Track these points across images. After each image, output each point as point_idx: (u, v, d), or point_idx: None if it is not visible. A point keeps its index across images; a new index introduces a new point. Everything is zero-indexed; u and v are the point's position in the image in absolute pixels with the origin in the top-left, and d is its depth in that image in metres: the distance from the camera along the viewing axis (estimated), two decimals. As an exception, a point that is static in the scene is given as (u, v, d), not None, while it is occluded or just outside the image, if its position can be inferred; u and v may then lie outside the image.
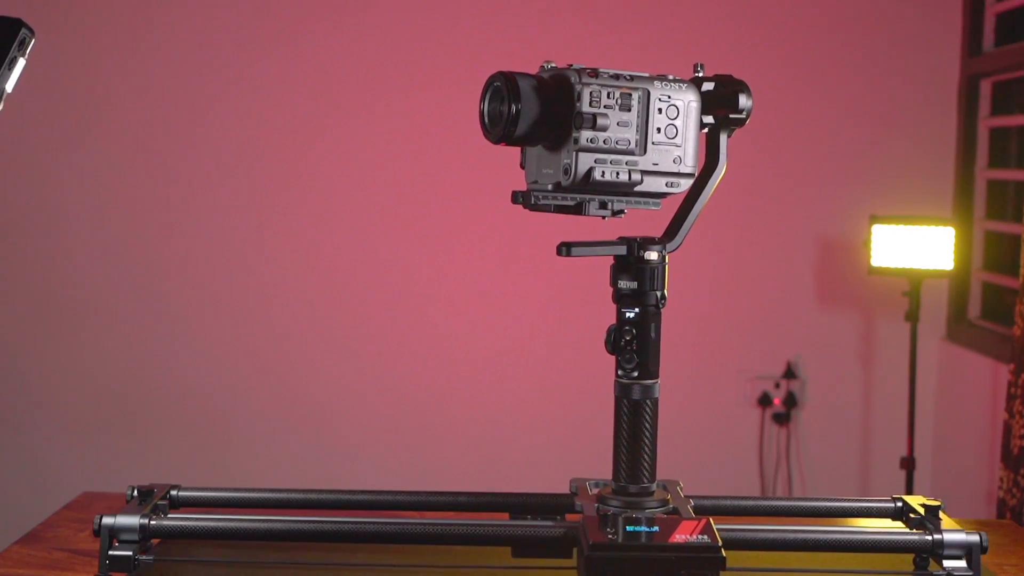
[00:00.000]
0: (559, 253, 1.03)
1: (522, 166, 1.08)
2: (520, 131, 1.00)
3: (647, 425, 1.06)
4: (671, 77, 1.04)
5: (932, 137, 3.14)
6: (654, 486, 1.08)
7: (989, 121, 3.05)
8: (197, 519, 1.10)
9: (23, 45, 0.89)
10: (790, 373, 3.16)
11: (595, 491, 1.12)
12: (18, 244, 3.17)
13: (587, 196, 1.03)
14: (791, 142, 3.10)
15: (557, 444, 3.16)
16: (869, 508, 1.23)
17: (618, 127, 1.01)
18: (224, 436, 3.18)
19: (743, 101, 1.07)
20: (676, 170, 1.05)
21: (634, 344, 1.06)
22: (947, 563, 1.09)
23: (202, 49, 3.14)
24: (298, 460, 3.18)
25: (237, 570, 1.14)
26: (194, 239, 3.18)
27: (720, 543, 0.98)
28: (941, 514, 1.14)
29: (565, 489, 1.22)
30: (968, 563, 1.09)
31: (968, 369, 2.96)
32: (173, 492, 1.18)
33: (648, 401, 1.06)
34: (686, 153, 1.05)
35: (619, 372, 1.07)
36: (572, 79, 0.99)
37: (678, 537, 0.98)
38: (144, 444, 3.16)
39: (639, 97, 1.02)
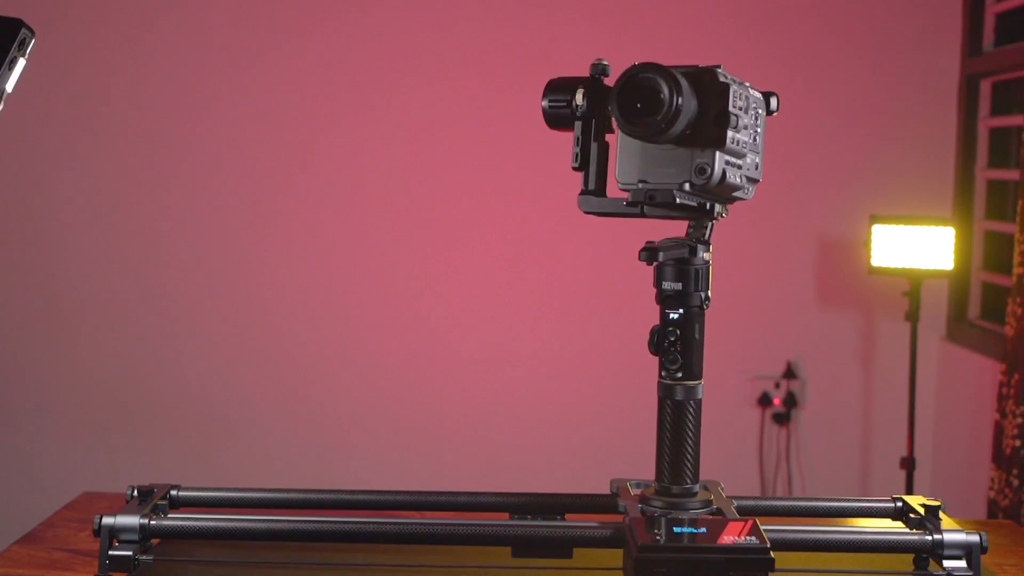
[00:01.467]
0: (643, 259, 1.02)
1: (576, 167, 1.05)
2: (677, 126, 0.96)
3: (690, 426, 1.06)
4: (748, 84, 1.04)
5: (932, 137, 3.14)
6: (697, 487, 1.08)
7: (989, 121, 3.05)
8: (197, 519, 1.10)
9: (23, 45, 0.89)
10: (790, 373, 3.16)
11: (637, 491, 1.11)
12: (18, 244, 3.18)
13: (709, 198, 1.02)
14: (791, 142, 3.10)
15: (559, 445, 3.16)
16: (869, 508, 1.23)
17: (744, 130, 1.00)
18: (224, 436, 3.18)
19: (774, 104, 1.07)
20: (754, 176, 1.06)
21: (678, 345, 1.06)
22: (947, 563, 1.09)
23: (202, 49, 3.14)
24: (298, 460, 3.18)
25: (237, 570, 1.14)
26: (194, 238, 3.18)
27: (768, 544, 0.98)
28: (941, 514, 1.14)
29: (564, 489, 1.22)
30: (968, 563, 1.09)
31: (968, 369, 2.96)
32: (173, 492, 1.18)
33: (691, 402, 1.06)
34: (761, 160, 1.05)
35: (662, 373, 1.07)
36: (721, 77, 0.98)
37: (726, 538, 0.98)
38: (144, 444, 3.16)
39: (752, 102, 1.02)
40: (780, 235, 3.16)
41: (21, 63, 0.89)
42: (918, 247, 2.82)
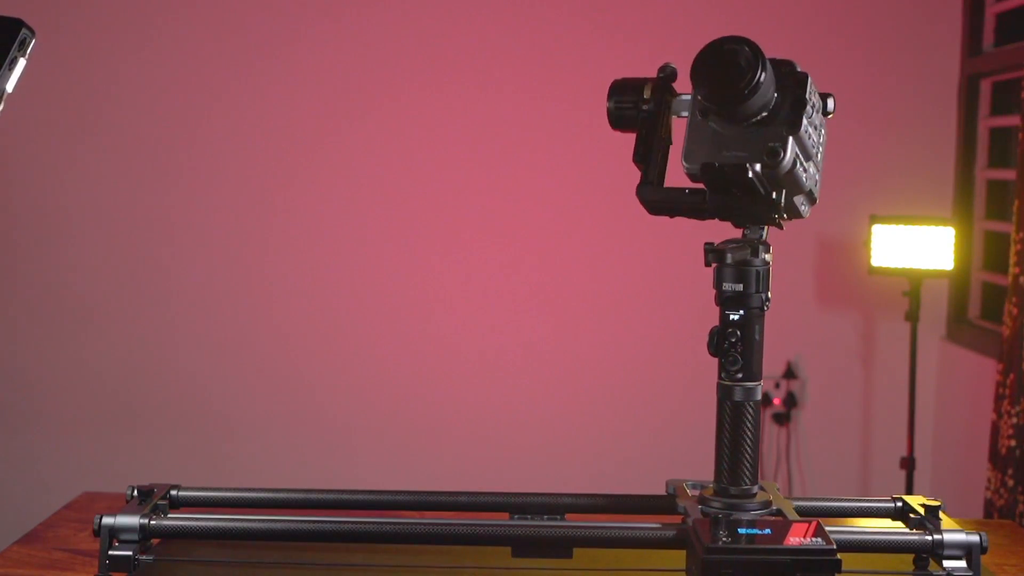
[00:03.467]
0: (709, 261, 1.02)
1: (637, 160, 1.03)
2: (758, 99, 0.96)
3: (749, 427, 1.05)
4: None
5: (932, 137, 3.14)
6: (755, 488, 1.08)
7: (989, 121, 3.05)
8: (197, 519, 1.10)
9: (23, 45, 0.89)
10: (790, 373, 3.16)
11: (694, 492, 1.11)
12: (19, 244, 3.17)
13: (775, 189, 1.00)
14: (791, 142, 3.09)
15: (557, 445, 3.16)
16: (869, 508, 1.23)
17: (813, 130, 1.00)
18: (224, 436, 3.18)
19: (831, 105, 1.07)
20: (815, 192, 1.05)
21: (739, 346, 1.05)
22: (947, 563, 1.09)
23: (204, 50, 3.14)
24: (298, 460, 3.18)
25: (237, 570, 1.14)
26: (194, 239, 3.18)
27: (834, 546, 0.98)
28: (941, 514, 1.13)
29: (560, 488, 1.22)
30: (968, 563, 1.09)
31: (968, 369, 2.96)
32: (173, 492, 1.18)
33: (750, 403, 1.05)
34: (819, 178, 1.04)
35: (722, 374, 1.06)
36: (799, 68, 0.98)
37: (792, 540, 0.98)
38: (144, 444, 3.16)
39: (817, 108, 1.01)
40: (780, 235, 3.15)
41: (21, 63, 0.89)
42: (918, 247, 2.82)
